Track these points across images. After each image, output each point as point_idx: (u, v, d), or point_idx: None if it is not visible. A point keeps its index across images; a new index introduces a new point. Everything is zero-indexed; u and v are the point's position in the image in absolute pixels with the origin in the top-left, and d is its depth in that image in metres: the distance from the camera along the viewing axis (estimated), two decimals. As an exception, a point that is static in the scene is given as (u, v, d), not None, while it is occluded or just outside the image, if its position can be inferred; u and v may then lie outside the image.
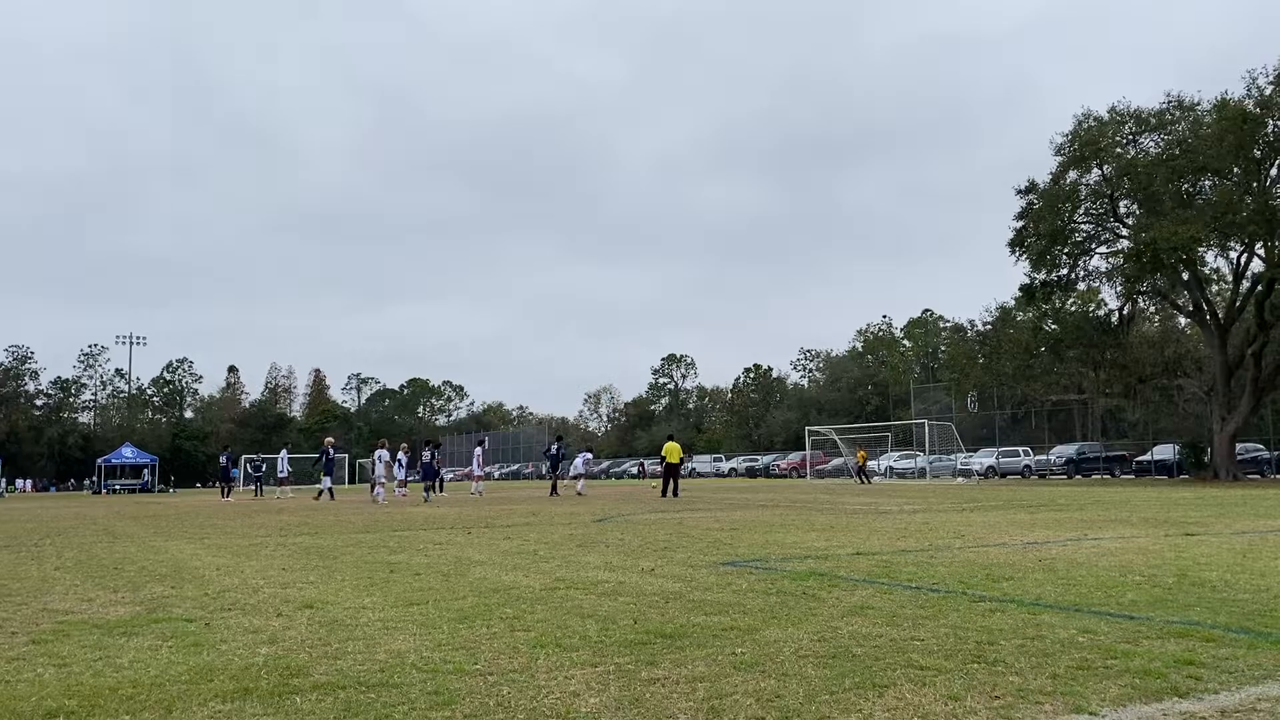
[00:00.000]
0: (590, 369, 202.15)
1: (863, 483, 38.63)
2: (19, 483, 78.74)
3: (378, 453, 29.04)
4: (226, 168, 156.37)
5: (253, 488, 40.65)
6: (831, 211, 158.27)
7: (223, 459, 38.13)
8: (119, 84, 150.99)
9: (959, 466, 45.27)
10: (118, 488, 64.03)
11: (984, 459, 48.06)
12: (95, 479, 67.13)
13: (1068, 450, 48.80)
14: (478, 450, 32.99)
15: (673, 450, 26.66)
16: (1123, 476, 45.36)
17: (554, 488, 29.86)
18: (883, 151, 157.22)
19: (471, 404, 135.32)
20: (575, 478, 32.70)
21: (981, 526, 12.68)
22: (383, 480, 27.84)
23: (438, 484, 30.64)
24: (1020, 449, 49.74)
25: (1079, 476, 45.73)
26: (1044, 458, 48.47)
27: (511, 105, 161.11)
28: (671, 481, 26.13)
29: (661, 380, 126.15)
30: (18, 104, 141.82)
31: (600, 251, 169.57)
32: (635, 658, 4.46)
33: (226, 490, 36.23)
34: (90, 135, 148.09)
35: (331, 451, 30.62)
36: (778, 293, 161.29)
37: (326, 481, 30.61)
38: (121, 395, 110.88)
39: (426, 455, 30.55)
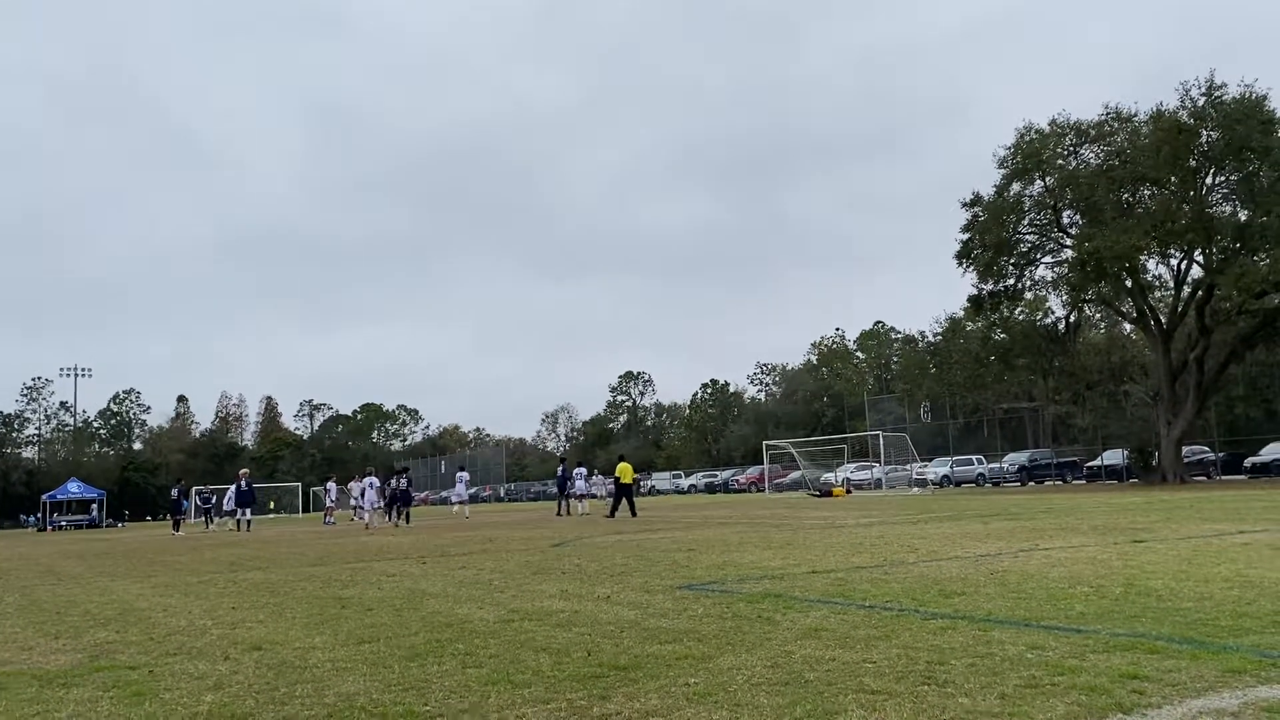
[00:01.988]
0: (547, 389, 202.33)
1: (818, 495, 39.06)
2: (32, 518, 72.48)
3: (368, 480, 30.86)
4: (163, 190, 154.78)
5: (203, 519, 40.14)
6: (782, 225, 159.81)
7: (174, 491, 37.50)
8: (51, 104, 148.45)
9: (914, 476, 45.72)
10: (64, 524, 62.53)
11: (939, 468, 48.59)
12: (40, 515, 65.53)
13: (1020, 458, 49.56)
14: (464, 474, 35.33)
15: (625, 470, 26.75)
16: (1074, 482, 46.11)
17: (565, 509, 30.76)
18: (830, 163, 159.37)
19: (427, 427, 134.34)
20: (581, 498, 33.20)
21: (936, 539, 12.79)
22: (375, 506, 30.00)
23: (407, 511, 31.00)
24: (974, 457, 50.38)
25: (1032, 483, 46.42)
26: (997, 465, 49.14)
27: (459, 123, 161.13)
28: (625, 501, 26.13)
29: (619, 398, 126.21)
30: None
31: (553, 270, 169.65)
32: (588, 692, 4.42)
33: (177, 523, 35.59)
34: (18, 156, 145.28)
35: (244, 483, 33.08)
36: (733, 308, 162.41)
37: (245, 513, 32.05)
38: (67, 429, 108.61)
39: (403, 482, 30.91)
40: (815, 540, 13.48)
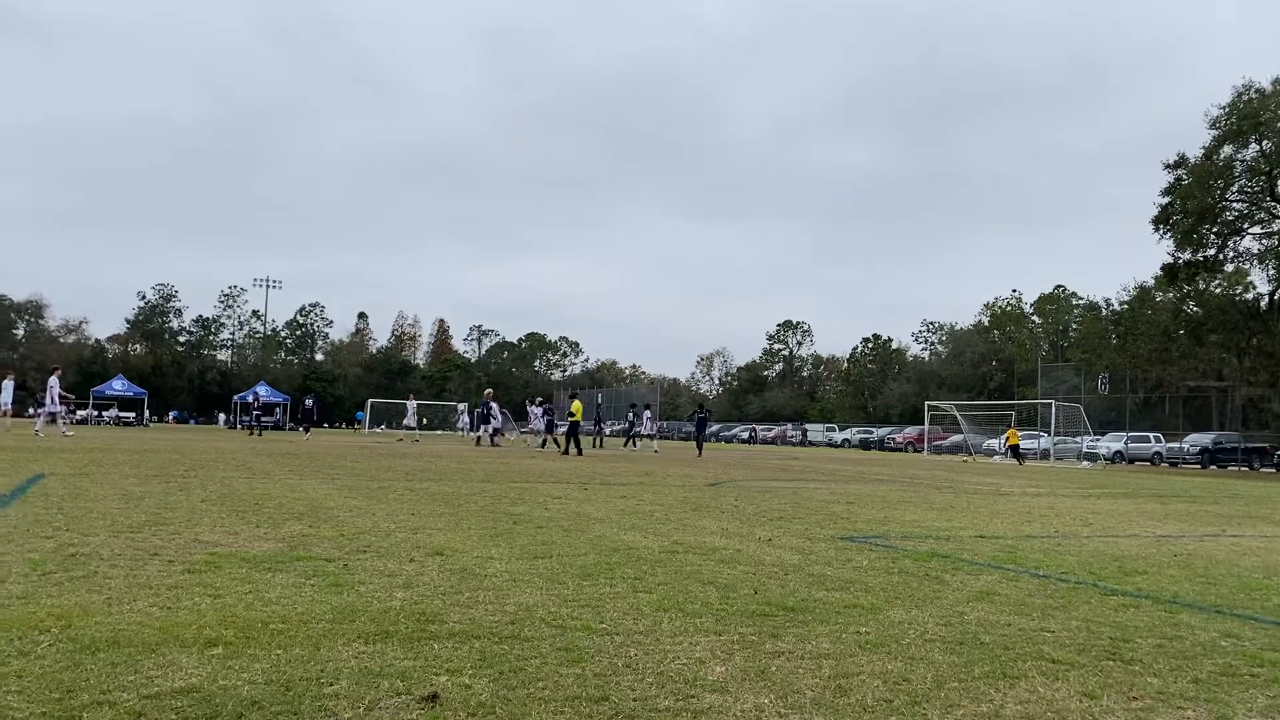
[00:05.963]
0: (704, 330, 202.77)
1: (1020, 463, 37.49)
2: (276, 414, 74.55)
3: (534, 409, 34.84)
4: (348, 111, 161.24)
5: (249, 429, 44.47)
6: (959, 175, 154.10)
7: (308, 401, 42.34)
8: (249, 22, 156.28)
9: (1085, 450, 43.70)
10: (251, 424, 67.20)
11: (1112, 443, 46.28)
12: (233, 414, 70.66)
13: (1203, 439, 46.54)
14: (646, 412, 38.33)
15: (577, 409, 28.91)
16: (1262, 470, 43.07)
17: (700, 449, 32.59)
18: (1016, 111, 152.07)
19: (586, 360, 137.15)
20: (651, 437, 35.47)
21: (1110, 515, 12.25)
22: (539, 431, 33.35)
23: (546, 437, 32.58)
24: (1151, 435, 47.68)
25: (1213, 467, 43.62)
26: (1176, 445, 46.35)
27: (636, 53, 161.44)
28: (572, 440, 27.79)
29: (776, 346, 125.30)
30: (152, 42, 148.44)
31: (716, 210, 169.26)
32: (758, 629, 4.48)
33: (308, 429, 39.53)
34: (220, 77, 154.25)
35: (489, 403, 34.27)
36: (901, 260, 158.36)
37: (485, 429, 33.74)
38: (257, 335, 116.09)
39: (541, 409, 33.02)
40: (980, 505, 13.13)
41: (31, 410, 57.21)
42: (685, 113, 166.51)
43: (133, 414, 69.09)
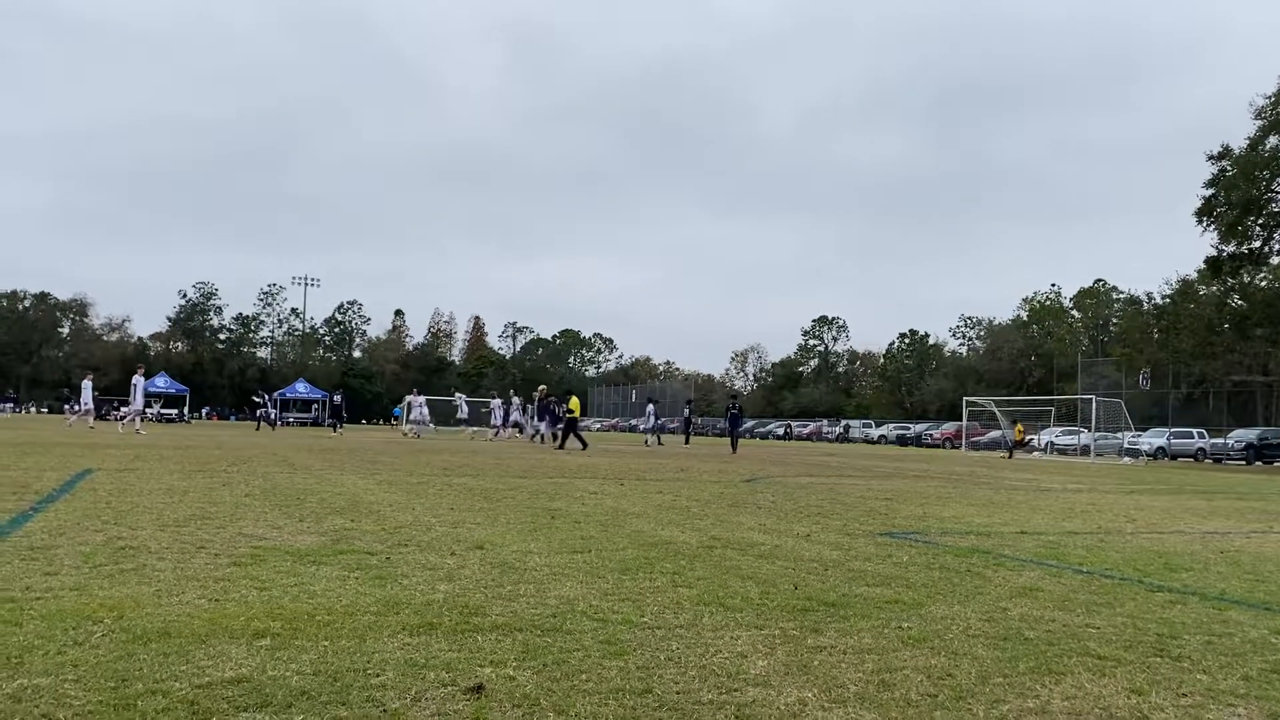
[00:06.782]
0: (738, 327, 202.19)
1: (1008, 455, 37.61)
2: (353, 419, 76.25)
3: (496, 401, 36.06)
4: (376, 111, 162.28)
5: (258, 422, 44.89)
6: (997, 168, 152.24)
7: (336, 398, 44.24)
8: (278, 23, 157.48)
9: (1126, 446, 43.12)
10: (290, 420, 68.03)
11: (1154, 439, 45.62)
12: (273, 411, 71.51)
13: (1248, 435, 45.73)
14: (650, 406, 37.55)
15: (575, 405, 28.91)
16: (1310, 466, 42.24)
17: (734, 446, 32.22)
18: (1053, 102, 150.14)
19: (620, 357, 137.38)
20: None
21: (1153, 511, 12.09)
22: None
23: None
24: (1194, 431, 46.93)
25: (1259, 464, 42.88)
26: (1220, 441, 45.61)
27: (662, 48, 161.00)
28: (571, 435, 27.87)
29: (811, 342, 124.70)
30: (185, 43, 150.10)
31: (749, 206, 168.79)
32: (799, 624, 4.48)
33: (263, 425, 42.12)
34: (250, 77, 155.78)
35: (545, 400, 33.99)
36: (937, 255, 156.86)
37: (542, 426, 33.49)
38: (296, 333, 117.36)
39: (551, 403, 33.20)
40: (1020, 501, 13.01)
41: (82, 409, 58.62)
42: (711, 109, 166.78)
43: (174, 411, 70.14)
